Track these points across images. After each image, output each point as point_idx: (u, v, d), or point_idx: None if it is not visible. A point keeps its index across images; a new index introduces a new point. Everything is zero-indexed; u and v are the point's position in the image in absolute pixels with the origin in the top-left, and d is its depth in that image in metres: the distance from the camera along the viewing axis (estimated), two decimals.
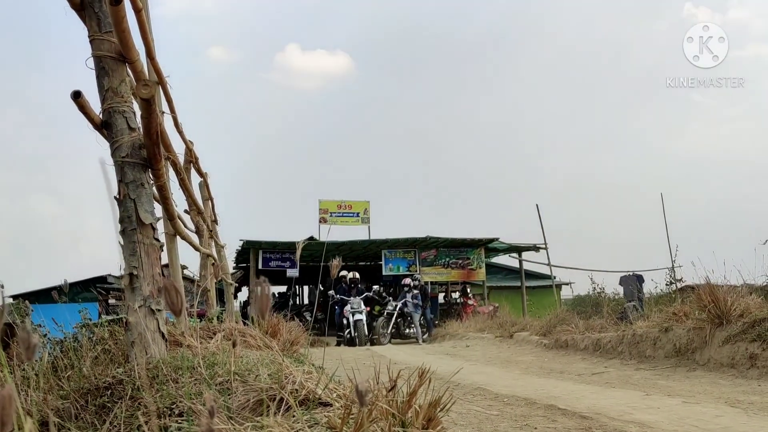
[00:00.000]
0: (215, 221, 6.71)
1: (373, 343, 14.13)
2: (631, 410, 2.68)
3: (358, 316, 14.98)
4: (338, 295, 15.84)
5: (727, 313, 4.27)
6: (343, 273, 16.71)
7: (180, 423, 1.37)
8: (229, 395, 1.50)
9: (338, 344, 14.77)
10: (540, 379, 4.20)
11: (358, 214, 21.33)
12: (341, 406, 1.36)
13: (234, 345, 1.69)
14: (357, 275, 16.64)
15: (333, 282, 16.28)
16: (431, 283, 21.06)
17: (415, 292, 15.69)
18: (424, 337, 14.77)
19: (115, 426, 1.56)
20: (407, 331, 15.40)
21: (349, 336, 14.94)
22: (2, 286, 2.19)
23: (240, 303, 19.10)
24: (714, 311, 4.33)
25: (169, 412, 1.55)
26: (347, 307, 15.42)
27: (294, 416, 1.31)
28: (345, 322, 15.28)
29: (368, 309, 15.93)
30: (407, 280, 16.20)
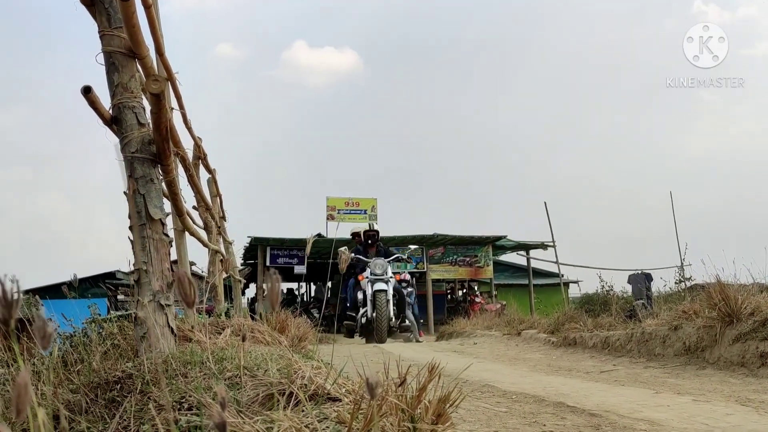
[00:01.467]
0: (223, 217, 6.73)
1: (397, 334, 10.54)
2: (640, 408, 2.67)
3: (380, 285, 9.48)
4: (353, 254, 9.77)
5: (737, 311, 4.24)
6: (356, 229, 12.36)
7: (190, 417, 1.37)
8: (238, 389, 1.50)
9: (349, 334, 10.48)
10: (548, 376, 4.19)
11: (365, 211, 21.39)
12: (350, 401, 1.36)
13: (243, 339, 1.70)
14: (375, 226, 11.25)
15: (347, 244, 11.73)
16: (438, 280, 21.06)
17: (410, 290, 12.70)
18: (411, 335, 12.04)
19: (125, 419, 1.56)
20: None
21: (365, 320, 9.61)
22: (17, 280, 2.19)
23: (248, 299, 19.19)
24: (724, 309, 4.30)
25: (178, 407, 1.56)
26: (366, 272, 9.93)
27: (303, 411, 1.31)
28: (361, 297, 9.88)
29: (398, 278, 10.69)
30: (405, 275, 13.31)
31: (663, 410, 2.62)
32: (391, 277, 10.06)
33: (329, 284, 21.30)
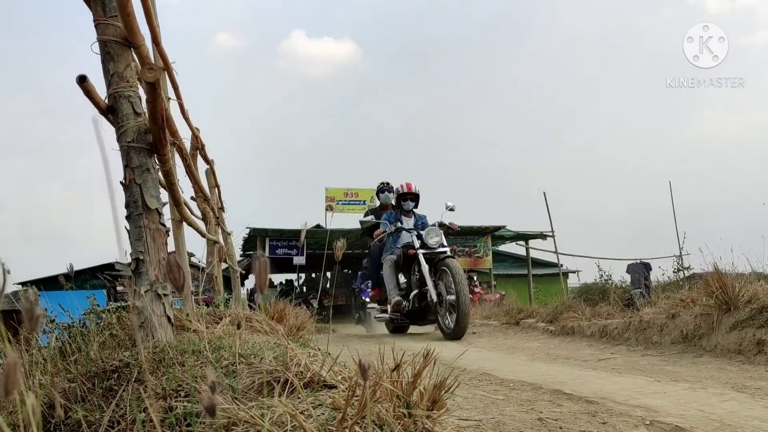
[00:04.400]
0: (222, 208, 6.72)
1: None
2: (637, 395, 2.68)
3: (434, 239, 7.50)
4: (389, 223, 8.26)
5: (734, 299, 4.25)
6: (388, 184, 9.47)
7: (186, 404, 1.38)
8: (234, 377, 1.51)
9: (389, 318, 8.14)
10: (546, 365, 4.20)
11: (364, 201, 21.37)
12: (346, 388, 1.36)
13: (238, 327, 1.70)
14: (416, 188, 8.68)
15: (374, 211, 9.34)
16: None
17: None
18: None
19: (122, 408, 1.57)
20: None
21: (409, 305, 7.67)
22: (8, 271, 2.20)
23: (247, 290, 19.23)
24: (721, 297, 4.31)
25: (175, 395, 1.56)
26: (402, 238, 8.01)
27: (299, 398, 1.32)
28: (404, 280, 7.90)
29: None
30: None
31: (659, 397, 2.63)
32: (441, 237, 7.88)
33: (328, 274, 21.37)
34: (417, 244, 7.74)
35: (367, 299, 12.11)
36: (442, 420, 1.38)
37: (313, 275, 24.13)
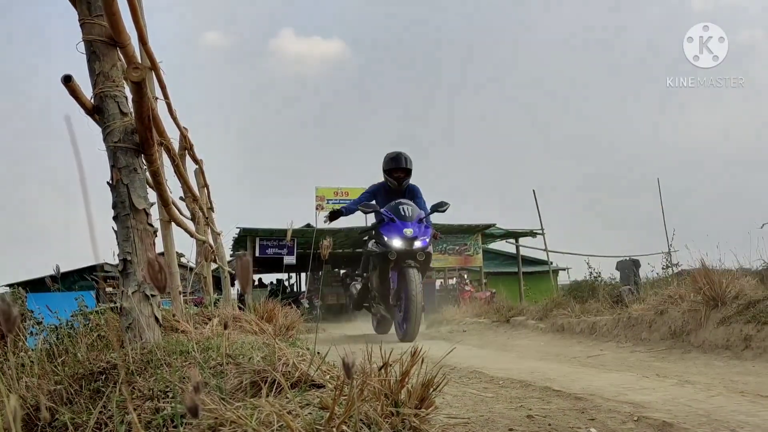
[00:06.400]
0: (211, 208, 6.70)
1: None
2: (625, 391, 2.69)
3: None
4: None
5: (722, 295, 4.29)
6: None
7: (172, 405, 1.37)
8: (222, 378, 1.50)
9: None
10: (536, 362, 4.21)
11: None
12: (334, 388, 1.36)
13: (225, 327, 1.70)
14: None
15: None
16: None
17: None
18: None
19: (109, 410, 1.56)
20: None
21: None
22: None
23: (237, 290, 19.17)
24: (709, 293, 4.35)
25: (163, 396, 1.55)
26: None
27: (287, 397, 1.32)
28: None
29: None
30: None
31: (647, 393, 2.65)
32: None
33: (320, 273, 21.35)
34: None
35: (397, 243, 6.86)
36: (430, 418, 1.38)
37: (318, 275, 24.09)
